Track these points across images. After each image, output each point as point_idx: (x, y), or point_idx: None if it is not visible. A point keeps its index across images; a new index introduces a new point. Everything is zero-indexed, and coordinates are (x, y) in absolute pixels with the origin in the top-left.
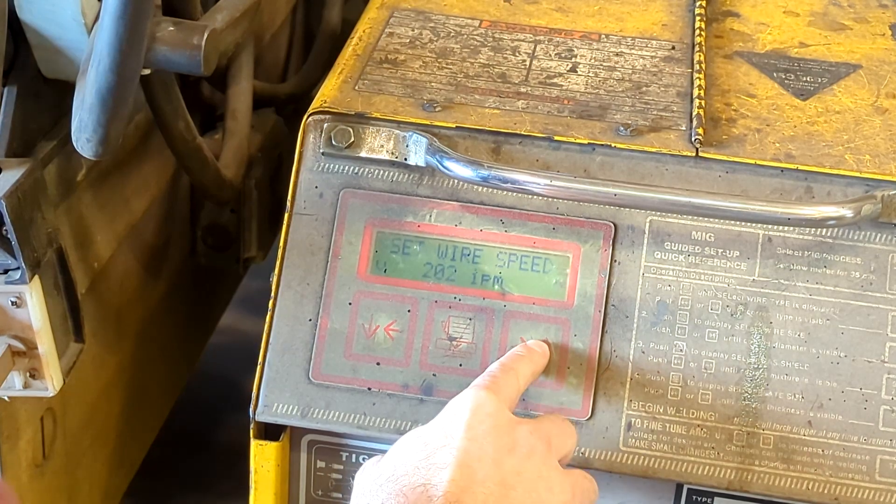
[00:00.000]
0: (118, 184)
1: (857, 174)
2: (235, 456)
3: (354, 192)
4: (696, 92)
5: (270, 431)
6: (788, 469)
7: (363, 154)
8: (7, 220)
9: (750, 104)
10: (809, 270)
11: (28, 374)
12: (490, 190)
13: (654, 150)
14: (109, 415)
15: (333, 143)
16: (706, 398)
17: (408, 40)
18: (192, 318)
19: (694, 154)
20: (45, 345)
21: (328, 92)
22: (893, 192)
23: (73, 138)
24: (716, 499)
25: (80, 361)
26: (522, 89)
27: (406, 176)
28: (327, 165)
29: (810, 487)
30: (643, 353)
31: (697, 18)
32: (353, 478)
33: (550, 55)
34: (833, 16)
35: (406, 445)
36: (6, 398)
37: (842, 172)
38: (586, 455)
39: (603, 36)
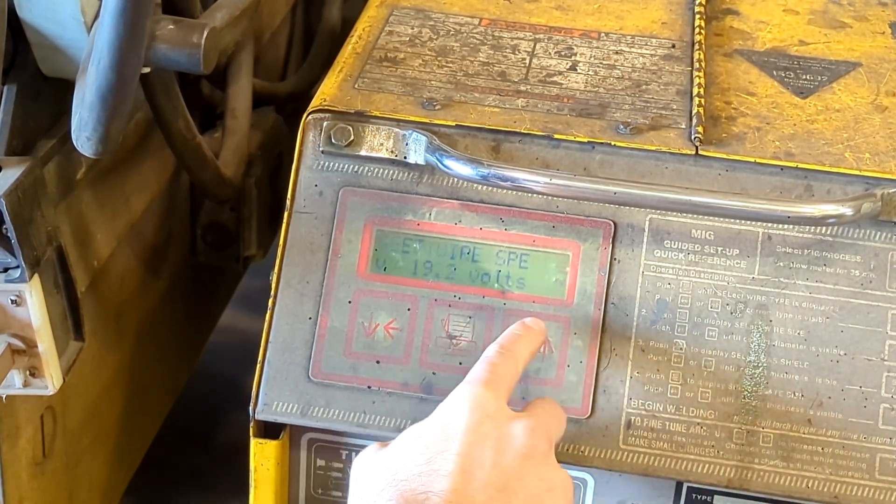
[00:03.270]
0: (118, 182)
1: (857, 172)
2: (235, 454)
3: (354, 190)
4: (695, 90)
5: (270, 430)
6: (788, 467)
7: (363, 152)
8: (7, 218)
9: (750, 102)
10: (809, 269)
11: (28, 372)
12: (490, 188)
13: (653, 148)
14: (109, 413)
15: (333, 141)
16: (706, 396)
17: (407, 38)
18: (191, 317)
19: (694, 152)
20: (45, 343)
21: (328, 90)
22: (893, 190)
23: (73, 136)
24: (716, 497)
25: (80, 360)
26: (522, 87)
27: (406, 174)
28: (327, 164)
29: (810, 485)
30: (643, 351)
31: (697, 16)
32: None
33: (550, 53)
34: (833, 14)
35: (406, 447)
36: (5, 397)
37: (841, 170)
38: (586, 453)
39: (603, 34)
